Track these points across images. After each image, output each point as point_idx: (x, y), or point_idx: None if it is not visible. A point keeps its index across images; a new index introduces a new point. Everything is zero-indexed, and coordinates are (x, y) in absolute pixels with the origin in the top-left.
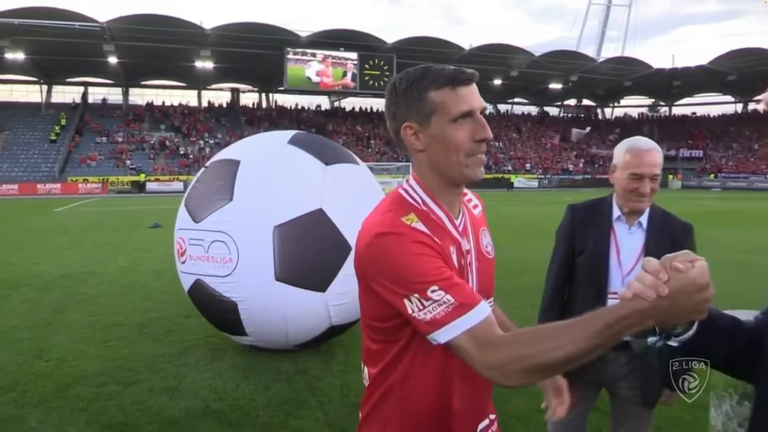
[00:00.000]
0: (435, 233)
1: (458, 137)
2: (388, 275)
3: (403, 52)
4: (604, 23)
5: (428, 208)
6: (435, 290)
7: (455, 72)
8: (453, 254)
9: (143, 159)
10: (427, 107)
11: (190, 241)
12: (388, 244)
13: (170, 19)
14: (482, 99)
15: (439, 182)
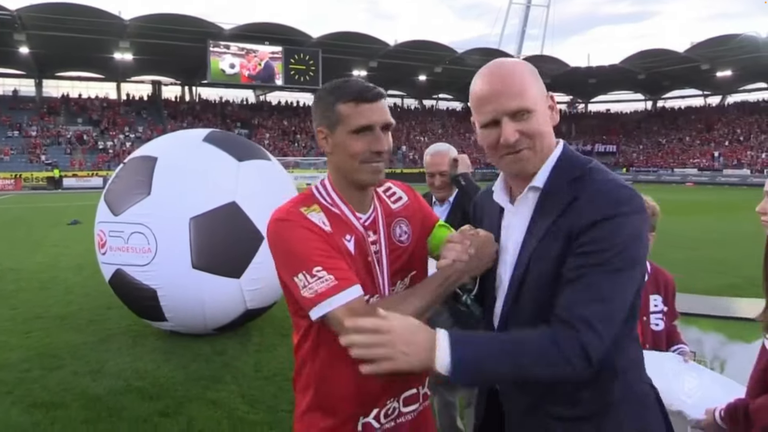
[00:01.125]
0: (334, 224)
1: (355, 147)
2: (281, 256)
3: (328, 47)
4: (524, 22)
5: (333, 203)
6: (319, 269)
7: (362, 89)
8: (349, 242)
9: (59, 154)
10: (335, 117)
11: (110, 233)
12: (280, 230)
13: (86, 9)
14: (388, 115)
15: (344, 182)
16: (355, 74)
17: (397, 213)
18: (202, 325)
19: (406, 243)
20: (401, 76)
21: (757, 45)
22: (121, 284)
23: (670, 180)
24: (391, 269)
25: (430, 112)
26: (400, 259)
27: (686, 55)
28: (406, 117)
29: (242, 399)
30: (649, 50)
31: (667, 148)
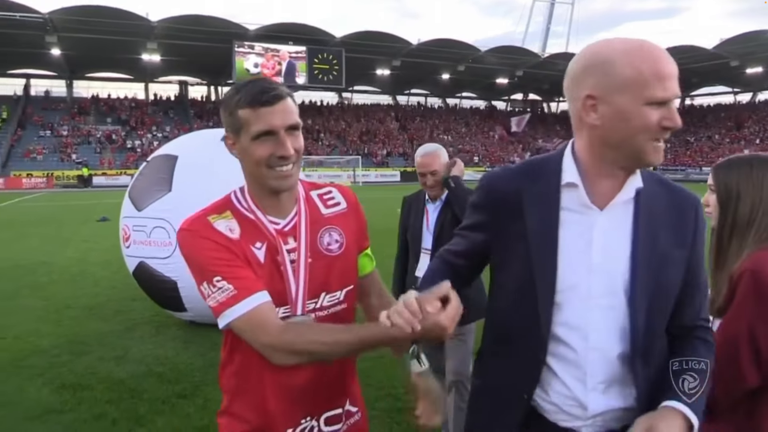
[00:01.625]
0: (245, 231)
1: (257, 153)
2: (189, 265)
3: (351, 46)
4: (549, 20)
5: (248, 208)
6: (219, 279)
7: (258, 92)
8: (260, 250)
9: (89, 153)
10: (237, 123)
11: (133, 228)
12: (182, 240)
13: (115, 11)
14: (291, 116)
15: (256, 187)
16: (378, 73)
17: (327, 219)
18: None
19: (336, 252)
20: (424, 74)
21: None
22: (144, 276)
23: (698, 179)
24: (313, 279)
25: (453, 110)
26: (328, 269)
27: (715, 51)
28: (429, 116)
29: None
30: (676, 47)
31: (695, 147)
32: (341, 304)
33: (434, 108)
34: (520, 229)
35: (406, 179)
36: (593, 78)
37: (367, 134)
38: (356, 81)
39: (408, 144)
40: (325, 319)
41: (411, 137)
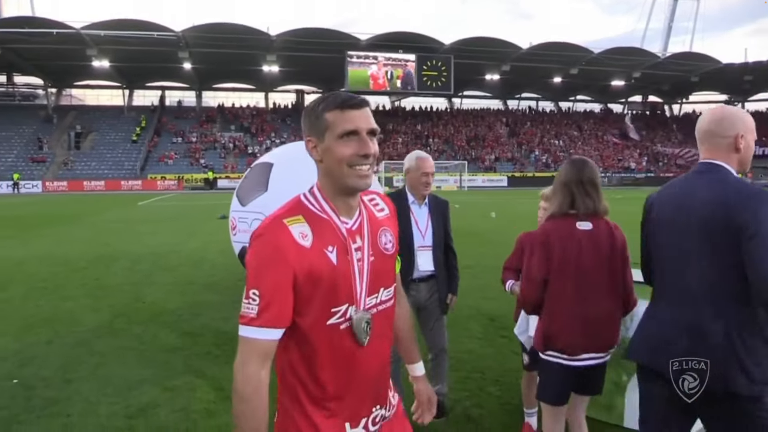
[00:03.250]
0: (317, 234)
1: (341, 152)
2: (247, 267)
3: (460, 52)
4: (671, 17)
5: (321, 209)
6: (255, 293)
7: (347, 98)
8: (332, 253)
9: (215, 158)
10: (322, 125)
11: (239, 219)
12: (255, 243)
13: (239, 27)
14: (372, 122)
15: (332, 188)
16: (487, 78)
17: (381, 222)
18: None
19: (391, 251)
20: (535, 78)
21: None
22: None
23: None
24: (373, 277)
25: (566, 114)
26: (385, 267)
27: None
28: (540, 120)
29: None
30: None
31: None
32: (391, 299)
33: (545, 112)
34: None
35: (514, 184)
36: (741, 123)
37: (475, 139)
38: (465, 86)
39: (517, 149)
40: (382, 313)
41: (520, 142)
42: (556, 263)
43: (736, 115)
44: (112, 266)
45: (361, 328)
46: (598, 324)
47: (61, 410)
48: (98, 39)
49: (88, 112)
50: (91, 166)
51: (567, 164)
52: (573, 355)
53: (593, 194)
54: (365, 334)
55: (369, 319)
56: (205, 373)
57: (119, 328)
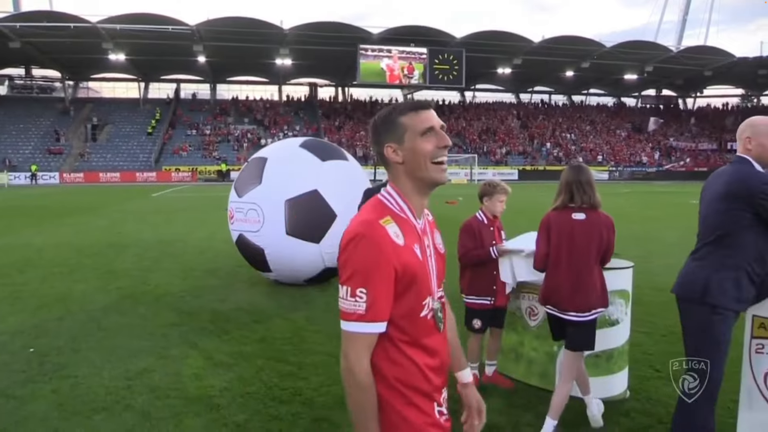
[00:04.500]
0: (405, 232)
1: (426, 146)
2: (348, 266)
3: (471, 46)
4: (686, 11)
5: (401, 210)
6: (363, 292)
7: (416, 101)
8: (417, 250)
9: (228, 150)
10: (400, 129)
11: (236, 209)
12: (360, 243)
13: (252, 21)
14: (439, 119)
15: (412, 188)
16: (499, 71)
17: (432, 224)
18: (294, 277)
19: (442, 251)
20: (547, 72)
21: None
22: (242, 245)
23: None
24: (438, 272)
25: (578, 108)
26: (442, 264)
27: None
28: (552, 113)
29: (306, 321)
30: None
31: None
32: (443, 294)
33: (558, 106)
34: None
35: (525, 178)
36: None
37: (487, 132)
38: (477, 80)
39: (528, 142)
40: (443, 304)
41: (532, 135)
42: (553, 242)
43: (748, 123)
44: (123, 253)
45: (439, 316)
46: (582, 290)
47: (69, 373)
48: (114, 33)
49: (105, 105)
50: (107, 158)
51: (568, 168)
52: (562, 310)
53: (588, 191)
54: (441, 322)
55: (441, 308)
56: (197, 344)
57: (125, 308)
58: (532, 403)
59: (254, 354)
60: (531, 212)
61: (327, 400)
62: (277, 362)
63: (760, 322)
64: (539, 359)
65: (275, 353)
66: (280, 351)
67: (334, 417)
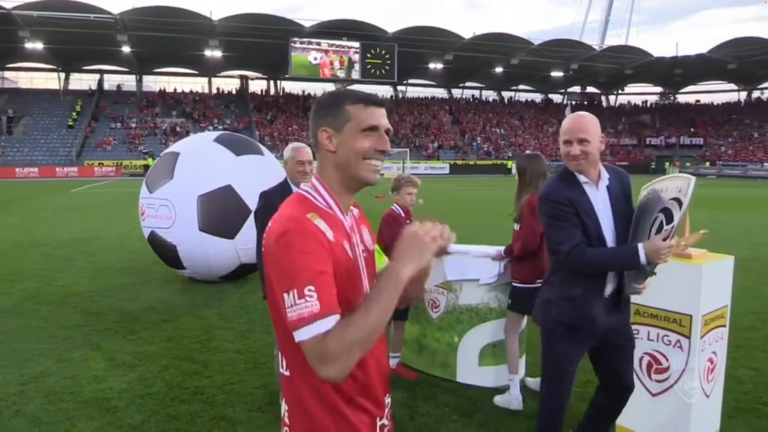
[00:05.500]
0: (333, 229)
1: (363, 144)
2: (281, 269)
3: (404, 41)
4: (608, 11)
5: (327, 206)
6: (310, 290)
7: (369, 94)
8: (347, 248)
9: (155, 144)
10: (343, 116)
11: (147, 205)
12: (289, 240)
13: (179, 11)
14: (388, 122)
15: (339, 181)
16: (431, 67)
17: (358, 220)
18: (209, 273)
19: (371, 247)
20: (478, 68)
21: None
22: (155, 242)
23: (757, 175)
24: (369, 270)
25: (508, 104)
26: (373, 261)
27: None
28: (483, 109)
29: (219, 318)
30: (739, 38)
31: (759, 142)
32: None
33: (488, 101)
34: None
35: (456, 172)
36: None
37: (419, 127)
38: (409, 75)
39: (460, 137)
40: None
41: (463, 130)
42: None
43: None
44: (31, 253)
45: None
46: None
47: None
48: (31, 20)
49: (22, 96)
50: (23, 152)
51: (539, 159)
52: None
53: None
54: None
55: None
56: (100, 346)
57: (27, 309)
58: (432, 392)
59: (160, 354)
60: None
61: (228, 397)
62: (182, 361)
63: (635, 309)
64: (441, 350)
65: (182, 352)
66: (188, 350)
67: (233, 414)
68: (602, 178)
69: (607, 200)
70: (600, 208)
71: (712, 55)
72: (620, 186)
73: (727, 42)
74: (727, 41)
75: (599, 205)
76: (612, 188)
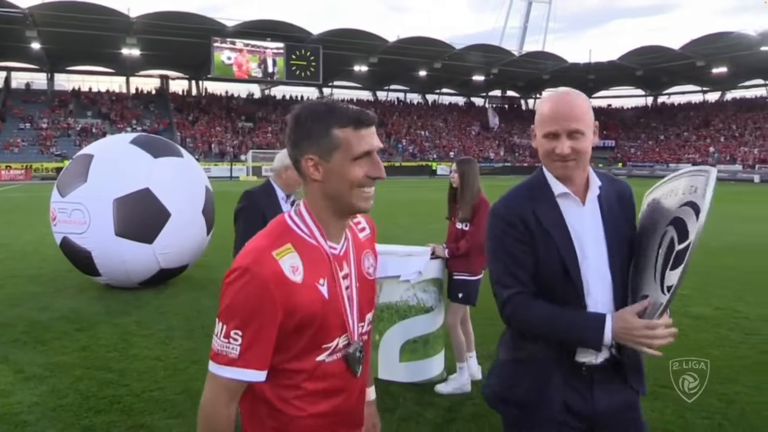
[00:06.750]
0: (308, 265)
1: (355, 173)
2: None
3: (328, 43)
4: (526, 18)
5: (311, 234)
6: (238, 334)
7: (359, 114)
8: (323, 287)
9: (69, 146)
10: (331, 143)
11: (59, 210)
12: (238, 279)
13: (94, 7)
14: (379, 139)
15: (329, 212)
16: (356, 69)
17: (363, 244)
18: (126, 279)
19: (372, 275)
20: (402, 71)
21: (750, 43)
22: (67, 248)
23: (663, 175)
24: (361, 303)
25: (432, 106)
26: (370, 293)
27: (681, 52)
28: (407, 111)
29: (136, 326)
30: (645, 47)
31: (664, 144)
32: (370, 324)
33: (413, 104)
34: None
35: None
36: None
37: None
38: (335, 77)
39: (385, 139)
40: (366, 340)
41: (388, 132)
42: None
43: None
44: None
45: (355, 358)
46: None
47: None
48: None
49: None
50: None
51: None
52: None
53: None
54: (358, 364)
55: (361, 349)
56: (8, 358)
57: None
58: None
59: (73, 364)
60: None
61: (147, 405)
62: (97, 371)
63: None
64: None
65: (97, 361)
66: (104, 359)
67: (152, 422)
68: (591, 188)
69: (598, 218)
70: (586, 230)
71: (622, 62)
72: (617, 200)
73: (634, 50)
74: (635, 49)
75: (584, 227)
76: (604, 201)
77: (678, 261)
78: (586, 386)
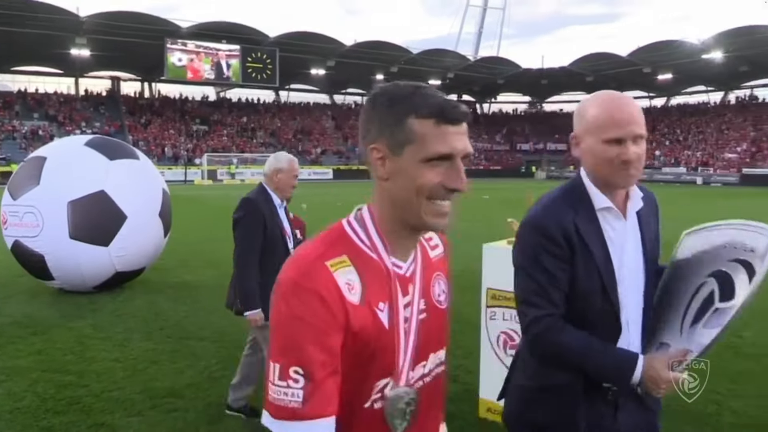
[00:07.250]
0: (367, 282)
1: (425, 178)
2: (276, 331)
3: (285, 46)
4: (481, 24)
5: (372, 246)
6: (298, 372)
7: (445, 104)
8: (383, 312)
9: (14, 149)
10: (403, 134)
11: (10, 213)
12: (290, 295)
13: (41, 5)
14: (469, 143)
15: (394, 220)
16: (313, 72)
17: (435, 265)
18: (81, 283)
19: (443, 304)
20: (359, 75)
21: (693, 50)
22: (19, 252)
23: None
24: (423, 341)
25: None
26: (437, 326)
27: (628, 58)
28: None
29: (93, 329)
30: (594, 53)
31: None
32: (442, 365)
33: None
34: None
35: (339, 177)
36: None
37: (302, 132)
38: (291, 80)
39: (343, 143)
40: (432, 385)
41: (345, 136)
42: None
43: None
44: None
45: (397, 409)
46: None
47: None
48: None
49: None
50: None
51: None
52: None
53: None
54: (402, 420)
55: (414, 398)
56: None
57: None
58: None
59: (28, 367)
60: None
61: (107, 405)
62: (54, 373)
63: (492, 294)
64: None
65: (53, 364)
66: (60, 362)
67: (113, 421)
68: (632, 200)
69: (637, 234)
70: (627, 247)
71: (573, 68)
72: (652, 212)
73: (584, 57)
74: (585, 56)
75: (626, 243)
76: (643, 214)
77: (716, 320)
78: (611, 410)
